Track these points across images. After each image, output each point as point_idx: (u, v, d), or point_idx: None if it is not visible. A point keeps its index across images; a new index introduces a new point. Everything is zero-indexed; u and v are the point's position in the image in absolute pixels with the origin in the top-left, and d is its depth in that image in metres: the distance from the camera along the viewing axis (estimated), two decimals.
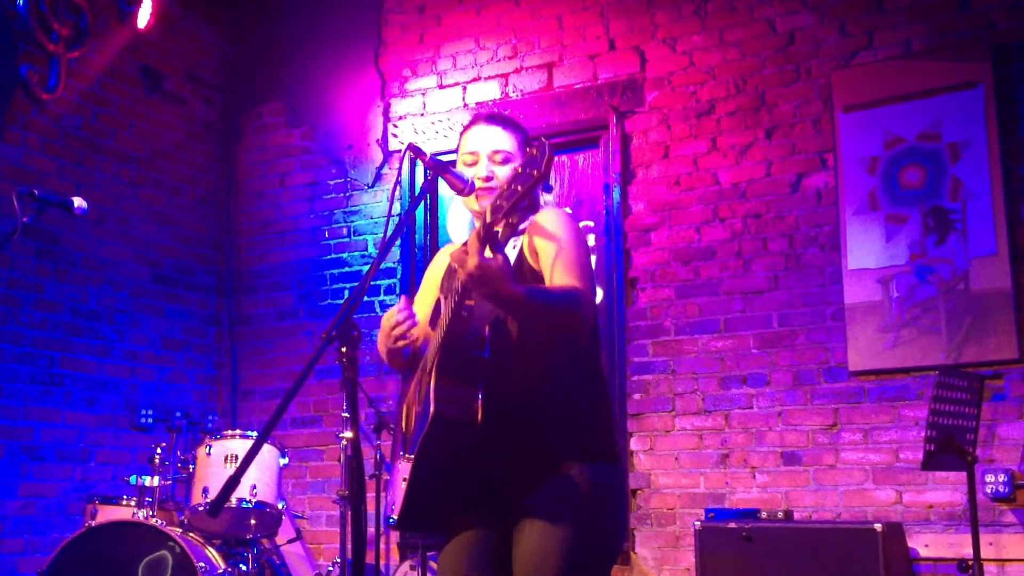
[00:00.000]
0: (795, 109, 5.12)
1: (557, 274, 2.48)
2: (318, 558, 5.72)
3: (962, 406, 4.08)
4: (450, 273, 2.62)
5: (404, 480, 2.73)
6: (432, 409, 2.39)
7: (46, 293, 5.51)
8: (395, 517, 2.70)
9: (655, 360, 5.25)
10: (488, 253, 2.28)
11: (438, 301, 2.63)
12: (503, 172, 2.61)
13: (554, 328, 2.47)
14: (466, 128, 2.72)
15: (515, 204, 2.17)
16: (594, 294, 2.55)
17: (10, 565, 5.20)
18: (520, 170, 2.17)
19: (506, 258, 2.31)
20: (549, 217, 2.58)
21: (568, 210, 5.56)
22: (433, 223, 6.00)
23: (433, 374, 2.42)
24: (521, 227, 2.58)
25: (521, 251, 2.56)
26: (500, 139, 2.65)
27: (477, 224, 2.56)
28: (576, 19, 5.72)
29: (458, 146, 2.72)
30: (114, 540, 4.52)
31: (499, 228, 2.26)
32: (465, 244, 2.82)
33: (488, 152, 2.63)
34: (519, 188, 2.16)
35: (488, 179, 2.61)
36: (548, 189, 2.14)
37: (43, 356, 5.46)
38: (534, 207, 2.65)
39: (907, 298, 4.74)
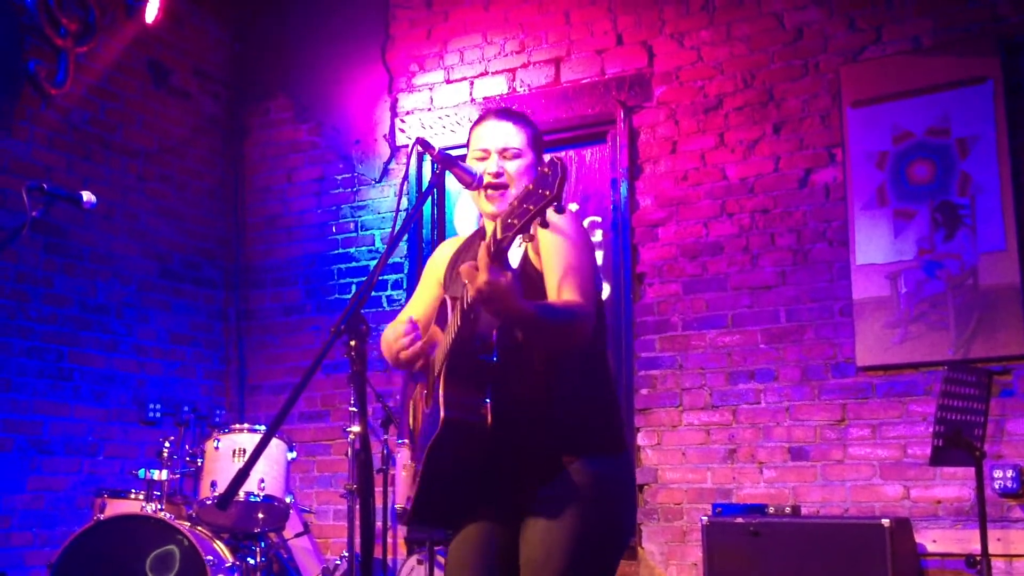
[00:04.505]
0: (803, 104, 5.10)
1: (562, 288, 2.47)
2: (325, 552, 5.73)
3: (970, 401, 4.07)
4: (458, 275, 2.64)
5: (404, 467, 2.76)
6: (441, 415, 2.40)
7: (54, 287, 5.52)
8: (401, 506, 2.71)
9: (662, 355, 5.25)
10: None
11: (443, 301, 2.63)
12: (513, 168, 2.64)
13: (555, 343, 2.48)
14: (476, 124, 2.74)
15: (527, 223, 2.14)
16: (596, 306, 2.54)
17: (19, 558, 5.22)
18: (532, 188, 2.13)
19: (515, 274, 2.30)
20: (556, 220, 2.55)
21: (575, 206, 5.57)
22: (440, 218, 6.00)
23: (441, 379, 2.43)
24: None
25: (526, 251, 2.55)
26: (510, 136, 2.67)
27: (486, 224, 2.59)
28: (583, 14, 5.71)
29: (468, 141, 2.74)
30: (122, 534, 4.54)
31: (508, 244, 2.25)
32: (469, 241, 2.85)
33: (498, 149, 2.66)
34: (531, 208, 2.13)
35: (498, 175, 2.64)
36: (560, 210, 2.12)
37: (51, 350, 5.47)
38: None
39: (915, 293, 4.73)
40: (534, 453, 2.53)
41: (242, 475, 2.23)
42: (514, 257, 2.46)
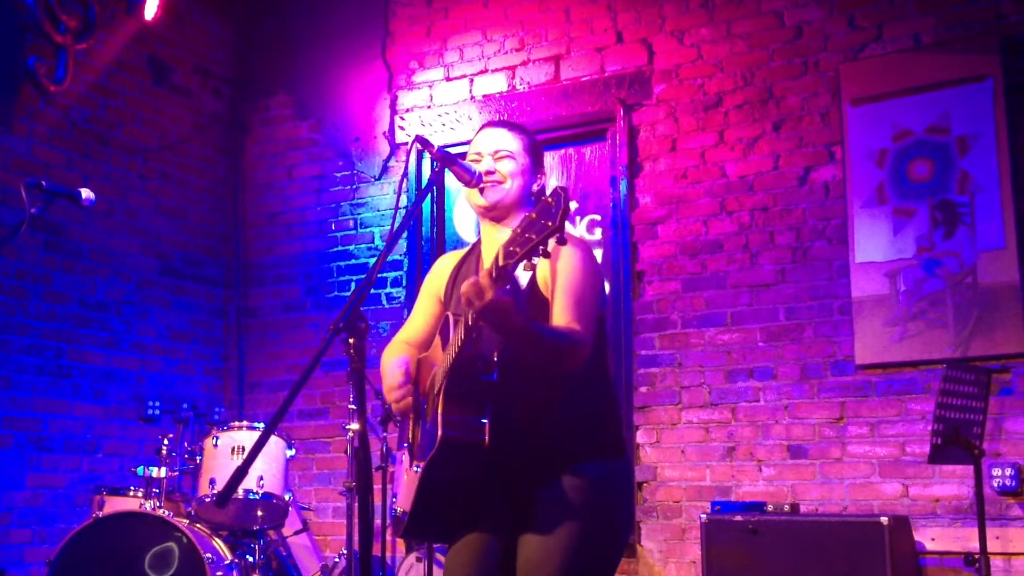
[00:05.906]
0: (803, 102, 5.10)
1: (565, 314, 2.51)
2: (324, 550, 5.74)
3: (969, 400, 4.07)
4: (459, 293, 2.67)
5: (407, 471, 2.76)
6: (440, 434, 2.41)
7: (54, 285, 5.52)
8: (401, 509, 2.72)
9: (661, 353, 5.25)
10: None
11: (446, 318, 2.64)
12: (506, 168, 2.72)
13: (548, 365, 2.50)
14: (476, 133, 2.84)
15: (529, 252, 2.17)
16: (593, 333, 2.56)
17: (18, 555, 5.22)
18: (535, 217, 2.15)
19: (518, 293, 2.34)
20: (568, 249, 2.59)
21: (575, 204, 5.57)
22: (440, 216, 6.00)
23: (441, 398, 2.44)
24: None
25: (534, 275, 2.58)
26: (504, 140, 2.76)
27: (484, 234, 2.73)
28: (583, 11, 5.71)
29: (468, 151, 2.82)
30: (121, 531, 4.54)
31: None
32: (468, 254, 2.88)
33: (491, 151, 2.74)
34: (533, 237, 2.15)
35: (490, 173, 2.72)
36: (562, 241, 2.15)
37: (51, 348, 5.47)
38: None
39: (914, 292, 4.74)
40: (531, 466, 2.55)
41: (241, 472, 2.23)
42: (521, 279, 2.50)
